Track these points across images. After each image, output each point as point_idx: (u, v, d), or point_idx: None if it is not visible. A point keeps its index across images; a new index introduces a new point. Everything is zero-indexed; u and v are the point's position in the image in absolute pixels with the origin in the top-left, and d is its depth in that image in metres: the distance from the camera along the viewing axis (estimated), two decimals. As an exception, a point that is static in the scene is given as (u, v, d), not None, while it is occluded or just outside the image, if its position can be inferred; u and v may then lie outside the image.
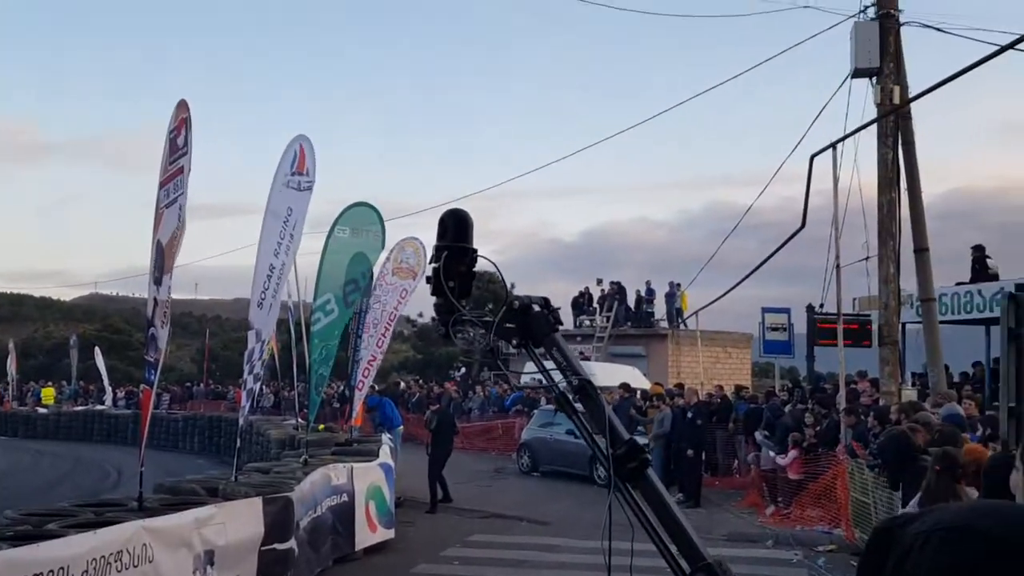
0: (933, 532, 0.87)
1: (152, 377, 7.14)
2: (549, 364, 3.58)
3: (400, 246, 14.18)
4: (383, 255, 13.61)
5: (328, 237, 11.95)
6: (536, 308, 3.51)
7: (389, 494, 11.49)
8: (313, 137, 9.96)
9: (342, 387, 23.30)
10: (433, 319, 3.24)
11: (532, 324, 3.46)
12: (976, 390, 14.19)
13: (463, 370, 34.50)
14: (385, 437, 14.30)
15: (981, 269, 17.86)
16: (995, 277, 17.47)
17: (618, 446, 3.19)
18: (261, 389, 27.13)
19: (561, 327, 3.46)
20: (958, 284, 18.13)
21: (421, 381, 34.32)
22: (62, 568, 4.93)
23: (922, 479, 5.83)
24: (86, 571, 5.16)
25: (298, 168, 9.87)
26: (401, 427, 17.06)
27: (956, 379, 16.34)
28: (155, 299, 6.97)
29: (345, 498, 10.19)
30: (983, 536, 0.83)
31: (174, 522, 6.38)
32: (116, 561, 5.48)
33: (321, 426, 15.76)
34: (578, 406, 3.51)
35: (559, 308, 3.56)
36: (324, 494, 9.65)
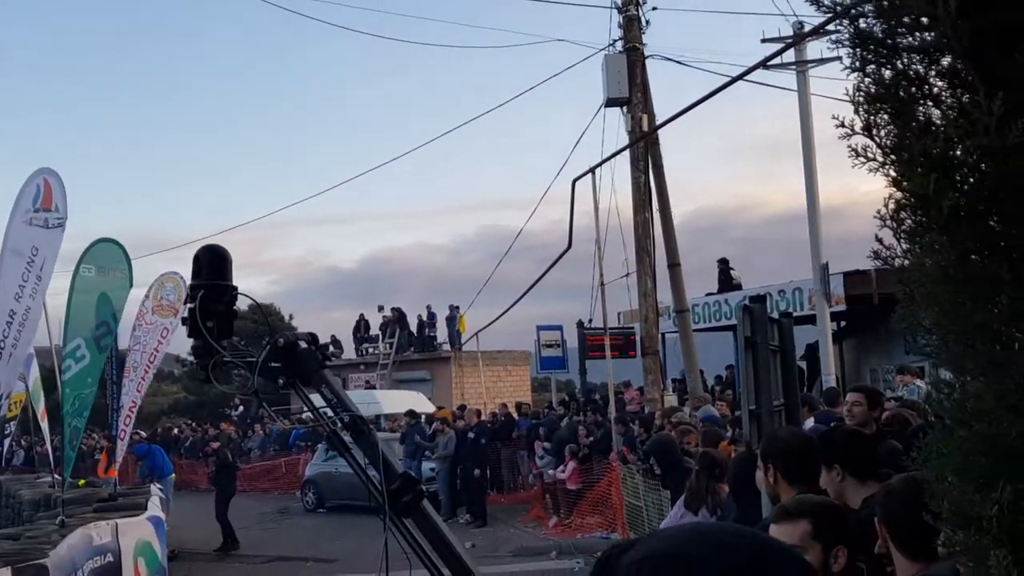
0: (644, 561, 0.90)
1: None
2: (320, 400, 3.53)
3: (160, 282, 13.39)
4: (141, 293, 12.83)
5: (74, 277, 11.05)
6: (303, 345, 3.44)
7: (161, 549, 10.77)
8: (59, 167, 9.23)
9: (101, 438, 21.55)
10: (191, 362, 3.09)
11: (299, 362, 3.39)
12: (726, 391, 15.47)
13: (241, 408, 32.96)
14: (154, 488, 13.40)
15: (726, 280, 19.60)
16: (739, 287, 19.22)
17: (392, 480, 3.20)
18: (11, 446, 24.51)
19: (338, 360, 3.40)
20: (707, 295, 19.78)
21: (195, 424, 32.43)
22: None
23: (685, 480, 6.29)
24: None
25: (44, 204, 9.09)
26: (173, 475, 16.08)
27: (712, 382, 17.77)
28: None
29: (110, 558, 9.42)
30: (690, 561, 0.88)
31: (-99, 609, 5.62)
32: None
33: (82, 481, 14.48)
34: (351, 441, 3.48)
35: (334, 339, 3.52)
36: (85, 556, 8.86)
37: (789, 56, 14.08)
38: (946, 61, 1.14)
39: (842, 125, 1.19)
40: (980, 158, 1.04)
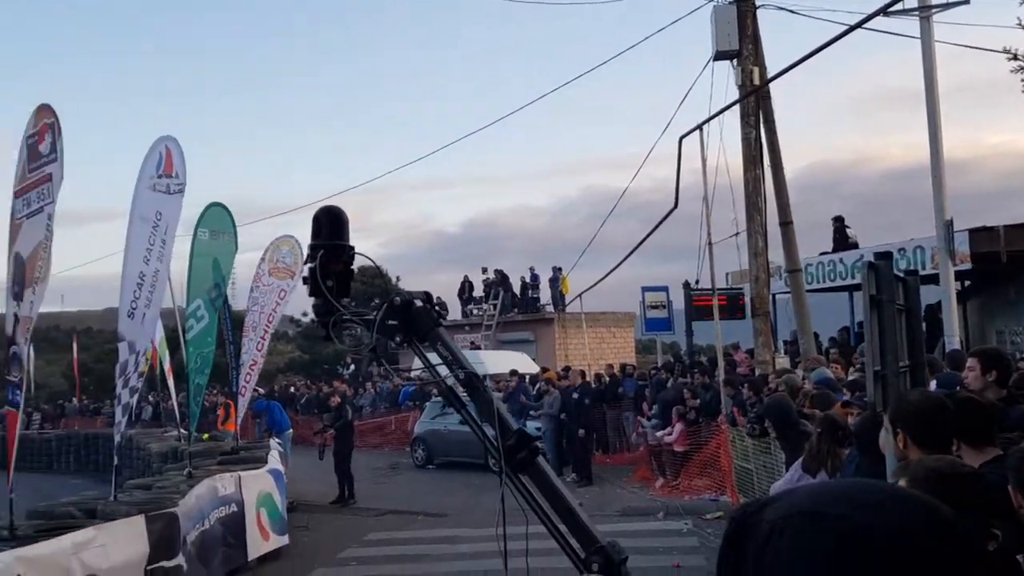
0: (789, 519, 0.87)
1: (17, 398, 6.72)
2: (435, 358, 3.57)
3: (275, 245, 13.86)
4: (257, 256, 13.38)
5: (193, 240, 11.56)
6: (418, 303, 3.49)
7: (280, 500, 11.24)
8: (180, 135, 9.57)
9: (220, 394, 22.56)
10: (313, 320, 3.17)
11: (415, 320, 3.44)
12: (843, 354, 14.96)
13: (352, 367, 33.99)
14: (273, 442, 13.97)
15: (841, 239, 18.87)
16: (855, 245, 18.48)
17: (508, 437, 3.23)
18: (140, 402, 26.03)
19: (446, 320, 3.43)
20: (821, 254, 19.10)
21: (309, 382, 33.64)
22: (-74, 610, 4.58)
23: (803, 443, 6.13)
24: (-46, 610, 4.81)
25: (165, 170, 9.46)
26: (291, 431, 16.72)
27: (825, 345, 17.23)
28: (15, 315, 6.55)
29: (234, 508, 9.89)
30: (836, 520, 0.85)
31: (50, 549, 6.05)
32: (-13, 597, 5.15)
33: (205, 435, 15.26)
34: (467, 398, 3.51)
35: (440, 300, 3.56)
36: (211, 506, 9.33)
37: (911, 1, 13.28)
38: None
39: (1015, 57, 1.09)
40: None
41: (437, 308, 3.69)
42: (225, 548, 9.48)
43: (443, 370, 3.47)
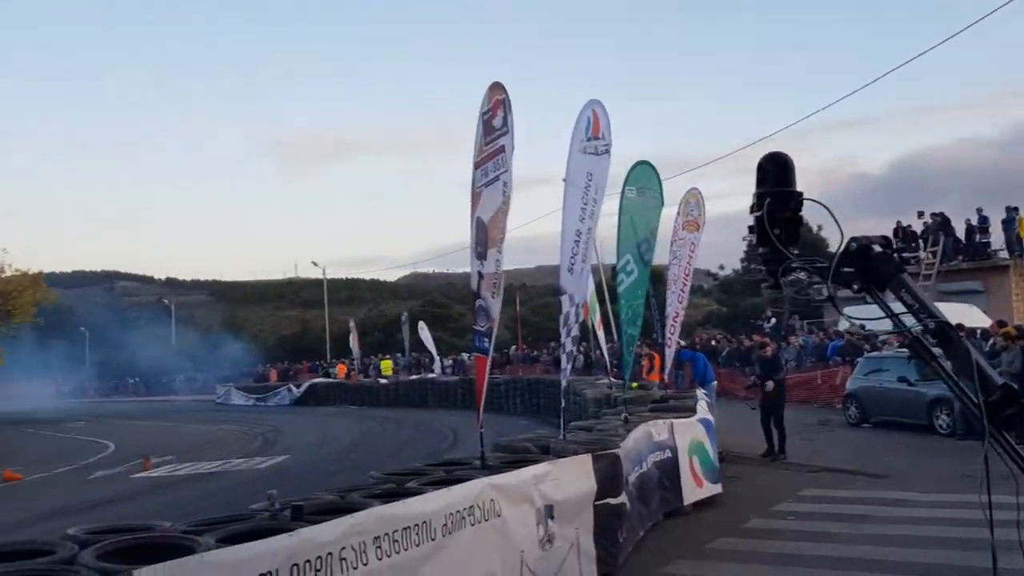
0: None
1: (486, 345, 7.56)
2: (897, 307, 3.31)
3: (685, 199, 14.07)
4: (672, 211, 13.67)
5: (621, 198, 12.06)
6: (876, 248, 3.25)
7: (712, 449, 11.40)
8: (599, 96, 10.01)
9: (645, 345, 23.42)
10: (735, 270, 3.10)
11: (874, 266, 3.21)
12: None
13: (773, 321, 33.24)
14: (700, 392, 14.18)
15: None
16: None
17: (991, 392, 2.89)
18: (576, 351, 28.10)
19: (911, 265, 3.17)
20: None
21: (728, 335, 33.62)
22: (425, 522, 5.35)
23: None
24: (444, 524, 5.55)
25: (593, 133, 9.97)
26: (715, 382, 16.86)
27: None
28: (479, 272, 7.39)
29: (668, 454, 10.24)
30: None
31: (515, 479, 6.68)
32: (469, 515, 5.88)
33: (635, 384, 15.99)
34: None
35: (900, 247, 3.27)
36: (648, 450, 9.75)
37: None
38: None
39: None
40: None
41: (899, 252, 3.42)
42: (662, 491, 9.88)
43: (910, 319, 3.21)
